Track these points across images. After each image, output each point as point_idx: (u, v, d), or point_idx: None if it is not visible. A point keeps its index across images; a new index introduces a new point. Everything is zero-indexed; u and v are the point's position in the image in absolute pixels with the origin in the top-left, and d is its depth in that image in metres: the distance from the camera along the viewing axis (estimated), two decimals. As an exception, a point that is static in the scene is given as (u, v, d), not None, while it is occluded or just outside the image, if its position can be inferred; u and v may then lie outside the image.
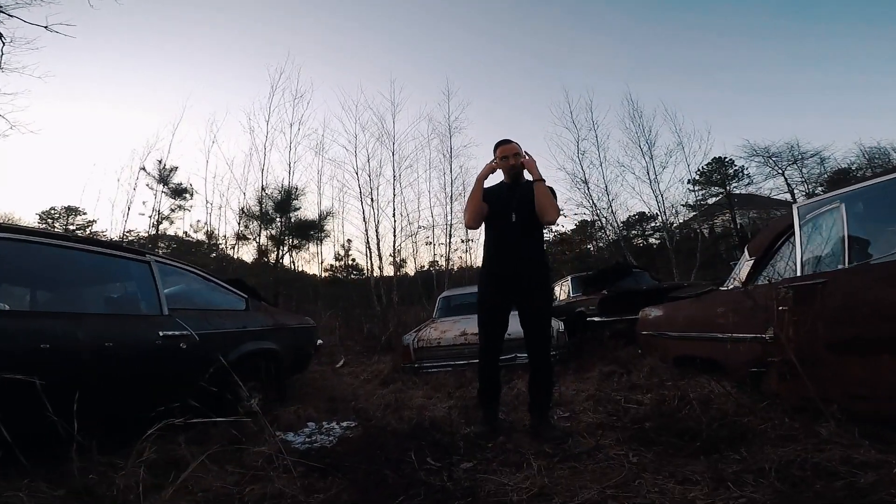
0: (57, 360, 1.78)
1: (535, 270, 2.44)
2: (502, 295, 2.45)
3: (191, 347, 2.37)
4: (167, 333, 2.27)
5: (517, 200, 2.46)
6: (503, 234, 2.48)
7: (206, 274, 2.97)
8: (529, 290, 2.42)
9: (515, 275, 2.42)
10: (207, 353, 2.41)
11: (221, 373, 2.60)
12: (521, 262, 2.42)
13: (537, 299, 2.43)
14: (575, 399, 3.09)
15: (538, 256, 2.50)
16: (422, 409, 2.87)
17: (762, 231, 3.15)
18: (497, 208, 2.49)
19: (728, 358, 2.81)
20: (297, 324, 3.48)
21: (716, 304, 3.02)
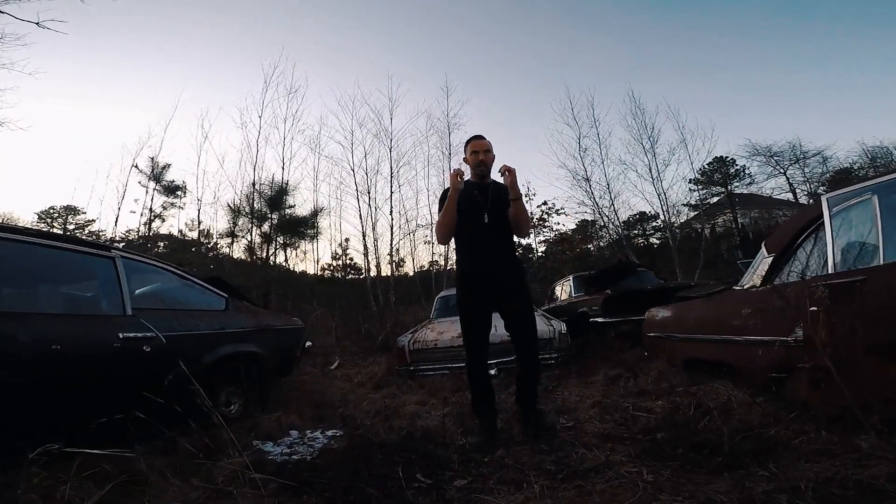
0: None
1: (509, 273, 2.41)
2: (480, 297, 2.39)
3: (155, 350, 2.16)
4: (128, 335, 2.05)
5: (490, 201, 2.41)
6: (475, 235, 2.41)
7: (183, 272, 2.76)
8: (504, 293, 2.38)
9: (489, 276, 2.38)
10: (176, 356, 2.19)
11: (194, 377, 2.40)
12: (494, 264, 2.39)
13: (513, 302, 2.39)
14: (579, 406, 2.87)
15: (511, 258, 2.48)
16: (414, 417, 2.65)
17: (781, 226, 2.95)
18: (467, 208, 2.39)
19: (745, 362, 2.61)
20: (283, 325, 3.26)
21: (730, 304, 2.82)
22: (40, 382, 1.70)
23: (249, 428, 2.58)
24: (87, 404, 1.89)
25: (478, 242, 2.40)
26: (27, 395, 1.65)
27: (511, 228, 2.46)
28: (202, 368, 2.44)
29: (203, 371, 2.44)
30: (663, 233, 23.59)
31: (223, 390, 2.72)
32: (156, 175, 9.46)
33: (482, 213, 2.38)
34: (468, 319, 2.39)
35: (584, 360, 4.15)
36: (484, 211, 2.38)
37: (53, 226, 24.42)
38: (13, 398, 1.50)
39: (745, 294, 2.71)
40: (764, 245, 2.73)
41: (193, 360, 2.40)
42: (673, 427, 2.27)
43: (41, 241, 1.95)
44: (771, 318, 2.40)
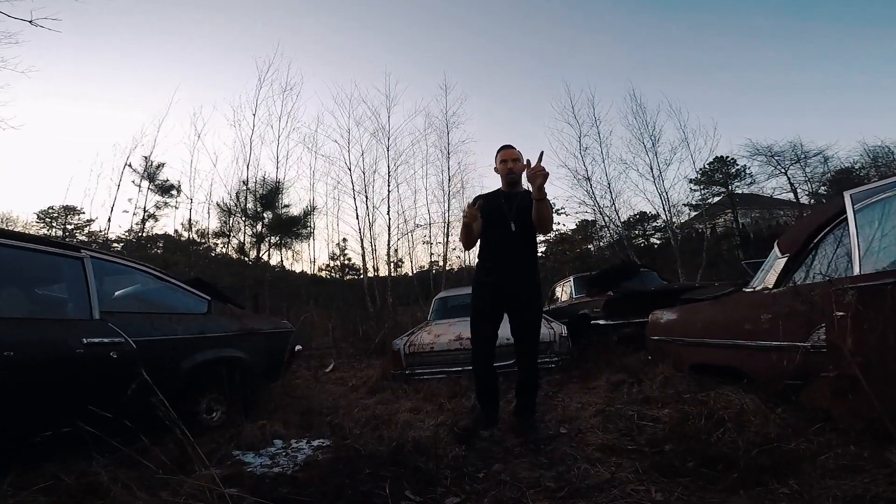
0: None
1: (531, 281, 2.47)
2: (498, 304, 2.46)
3: (124, 357, 2.01)
4: (92, 341, 1.90)
5: (515, 209, 2.45)
6: (502, 242, 2.46)
7: (162, 273, 2.60)
8: (520, 301, 2.44)
9: (512, 284, 2.42)
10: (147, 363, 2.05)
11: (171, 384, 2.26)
12: (520, 273, 2.43)
13: (531, 312, 2.46)
14: (581, 414, 2.72)
15: (533, 268, 2.52)
16: (406, 427, 2.50)
17: (795, 225, 2.80)
18: (494, 217, 2.46)
19: (757, 368, 2.46)
20: (270, 328, 3.10)
21: (742, 307, 2.67)
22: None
23: (230, 437, 2.43)
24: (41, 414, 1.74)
25: (505, 251, 2.45)
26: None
27: (536, 237, 2.52)
28: (179, 375, 2.30)
29: (180, 378, 2.30)
30: (663, 233, 23.52)
31: (204, 397, 2.57)
32: (149, 174, 9.32)
33: (508, 221, 2.43)
34: (480, 322, 2.48)
35: (586, 365, 4.00)
36: (510, 220, 2.43)
37: (53, 226, 24.26)
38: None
39: (757, 296, 2.56)
40: (777, 244, 2.58)
41: (169, 366, 2.26)
42: (682, 439, 2.12)
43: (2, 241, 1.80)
44: (787, 321, 2.26)
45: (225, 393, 2.59)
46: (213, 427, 2.59)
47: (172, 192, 9.87)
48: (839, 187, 20.67)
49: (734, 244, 20.44)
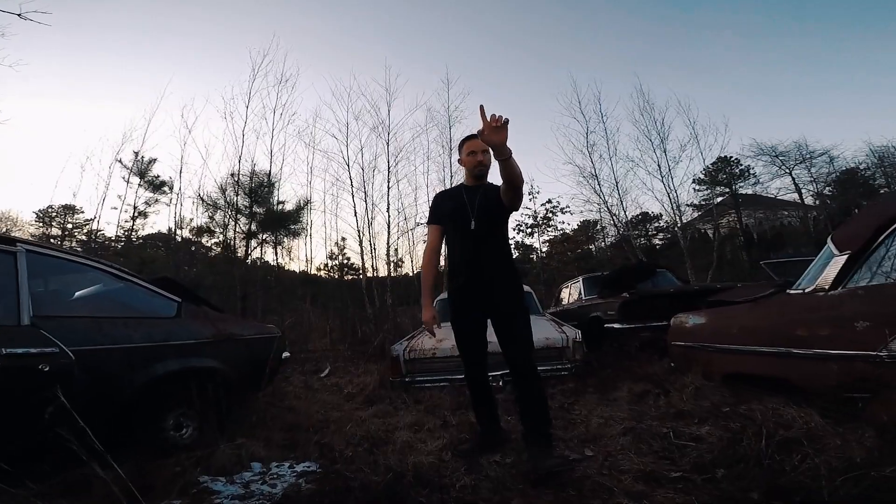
0: None
1: (499, 279, 2.17)
2: (471, 309, 2.20)
3: (57, 370, 1.66)
4: (14, 351, 1.56)
5: (478, 205, 2.19)
6: (462, 244, 2.23)
7: (122, 272, 2.26)
8: (499, 301, 2.15)
9: (481, 285, 2.17)
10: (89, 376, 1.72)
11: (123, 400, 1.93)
12: (487, 270, 2.17)
13: (503, 304, 2.15)
14: (605, 431, 2.38)
15: (502, 264, 2.20)
16: (406, 450, 2.16)
17: (855, 219, 2.46)
18: (455, 217, 2.23)
19: (811, 379, 2.13)
20: (252, 334, 2.75)
21: (790, 310, 2.34)
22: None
23: (200, 459, 2.09)
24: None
25: (463, 252, 2.21)
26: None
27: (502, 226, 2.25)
28: (132, 390, 1.96)
29: (134, 393, 1.96)
30: (665, 233, 23.21)
31: (171, 412, 2.23)
32: (140, 170, 8.96)
33: (468, 219, 2.18)
34: (460, 330, 2.24)
35: (603, 372, 3.66)
36: (471, 217, 2.18)
37: (52, 225, 23.86)
38: None
39: (810, 299, 2.23)
40: (832, 241, 2.25)
41: (120, 379, 1.92)
42: (738, 463, 1.80)
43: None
44: (851, 327, 1.93)
45: (196, 407, 2.24)
46: (182, 446, 2.25)
47: (164, 188, 9.56)
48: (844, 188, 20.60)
49: (738, 244, 20.13)
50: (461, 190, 2.29)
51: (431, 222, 2.33)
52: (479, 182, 2.26)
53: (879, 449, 1.56)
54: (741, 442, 1.92)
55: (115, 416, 1.94)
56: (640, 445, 2.16)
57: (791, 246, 20.29)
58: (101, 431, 1.94)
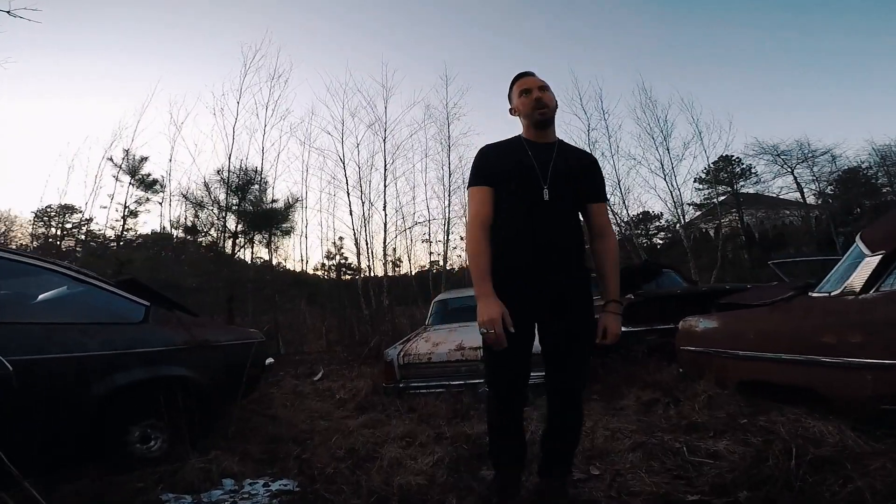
0: None
1: (572, 274, 1.54)
2: (528, 315, 1.49)
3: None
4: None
5: (554, 166, 1.54)
6: (530, 217, 1.51)
7: (83, 274, 2.07)
8: (561, 301, 1.51)
9: (551, 282, 1.49)
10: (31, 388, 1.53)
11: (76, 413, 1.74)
12: (563, 263, 1.51)
13: (575, 317, 1.52)
14: (613, 446, 2.18)
15: (578, 255, 1.57)
16: (394, 466, 1.96)
17: (890, 216, 2.27)
18: (519, 179, 1.54)
19: (841, 390, 1.95)
20: (230, 339, 2.54)
21: (815, 315, 2.15)
22: None
23: (167, 474, 1.90)
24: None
25: (532, 228, 1.50)
26: None
27: (579, 217, 1.64)
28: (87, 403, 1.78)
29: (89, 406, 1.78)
30: (666, 232, 23.05)
31: (137, 424, 2.04)
32: (131, 169, 8.75)
33: (540, 185, 1.51)
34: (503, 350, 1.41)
35: (607, 378, 3.46)
36: (542, 183, 1.52)
37: (51, 225, 23.64)
38: None
39: (837, 303, 2.03)
40: (862, 240, 2.06)
41: (72, 391, 1.74)
42: (763, 484, 1.61)
43: None
44: (888, 334, 1.75)
45: (165, 419, 2.05)
46: (150, 459, 2.07)
47: (156, 187, 9.36)
48: (846, 187, 20.43)
49: (739, 244, 19.99)
50: (522, 143, 1.60)
51: (479, 184, 1.58)
52: (544, 134, 1.61)
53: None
54: (766, 460, 1.73)
55: (70, 429, 1.75)
56: (651, 463, 1.97)
57: (793, 245, 20.16)
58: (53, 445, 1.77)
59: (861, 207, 20.18)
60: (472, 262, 1.51)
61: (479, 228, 1.53)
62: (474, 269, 1.48)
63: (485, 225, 1.53)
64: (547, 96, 1.59)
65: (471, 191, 1.60)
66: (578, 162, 1.62)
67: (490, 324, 1.36)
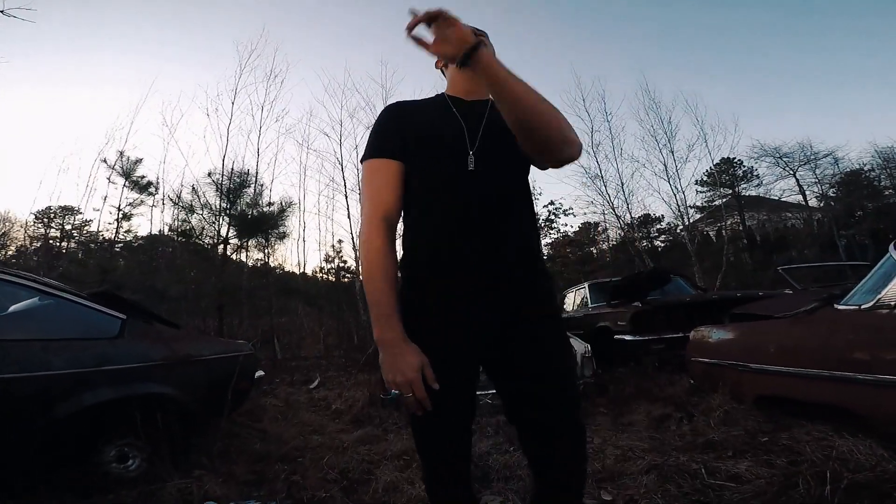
0: None
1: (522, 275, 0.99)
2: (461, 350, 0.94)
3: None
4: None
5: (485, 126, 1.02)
6: (453, 197, 0.98)
7: (52, 287, 1.92)
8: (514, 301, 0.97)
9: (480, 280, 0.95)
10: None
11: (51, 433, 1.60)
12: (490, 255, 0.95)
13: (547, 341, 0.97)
14: (625, 468, 2.03)
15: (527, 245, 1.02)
16: (389, 492, 1.81)
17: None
18: (434, 143, 1.00)
19: (878, 408, 1.79)
20: (214, 353, 2.38)
21: (844, 329, 2.00)
22: None
23: (140, 497, 1.75)
24: None
25: (457, 212, 0.97)
26: None
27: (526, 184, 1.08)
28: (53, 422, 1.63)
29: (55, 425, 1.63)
30: (668, 235, 22.89)
31: (112, 444, 1.89)
32: (125, 171, 8.61)
33: (465, 150, 0.99)
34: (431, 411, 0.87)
35: (615, 391, 3.30)
36: (468, 148, 0.99)
37: (51, 227, 23.49)
38: None
39: (869, 317, 1.89)
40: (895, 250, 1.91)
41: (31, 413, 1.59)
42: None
43: None
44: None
45: (143, 437, 1.90)
46: (127, 479, 1.92)
47: (150, 189, 9.22)
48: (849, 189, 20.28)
49: (741, 247, 19.87)
50: (445, 101, 1.08)
51: (379, 155, 1.01)
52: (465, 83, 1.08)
53: None
54: (796, 486, 1.58)
55: (29, 452, 1.61)
56: (667, 486, 1.82)
57: (795, 248, 20.03)
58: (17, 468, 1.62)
59: (863, 210, 20.07)
60: (369, 287, 0.94)
61: (379, 229, 0.97)
62: (371, 297, 0.92)
63: (389, 222, 0.99)
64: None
65: (365, 166, 1.02)
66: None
67: (404, 385, 0.85)
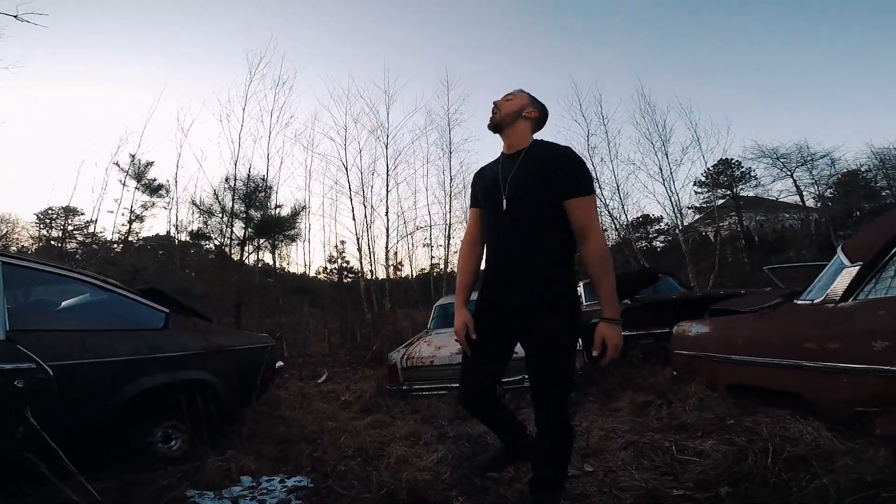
0: None
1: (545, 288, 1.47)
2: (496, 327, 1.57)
3: (33, 386, 1.60)
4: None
5: (514, 175, 1.52)
6: (491, 231, 1.59)
7: (106, 283, 2.20)
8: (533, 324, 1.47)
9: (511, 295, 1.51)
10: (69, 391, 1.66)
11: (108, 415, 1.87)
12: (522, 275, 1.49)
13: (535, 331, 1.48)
14: (607, 446, 2.31)
15: (541, 264, 1.48)
16: (401, 463, 2.09)
17: (868, 230, 2.40)
18: (487, 194, 1.60)
19: (820, 393, 2.07)
20: (244, 344, 2.68)
21: (799, 322, 2.27)
22: None
23: (189, 473, 2.03)
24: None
25: (494, 242, 1.58)
26: None
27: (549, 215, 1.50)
28: (117, 405, 1.91)
29: (118, 408, 1.91)
30: (666, 235, 23.15)
31: (159, 425, 2.17)
32: (137, 173, 8.92)
33: (500, 197, 1.52)
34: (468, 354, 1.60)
35: (604, 381, 3.59)
36: (502, 194, 1.51)
37: (52, 227, 23.78)
38: None
39: (819, 310, 2.16)
40: (843, 251, 2.18)
41: (103, 394, 1.87)
42: (742, 480, 1.74)
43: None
44: (862, 341, 1.87)
45: (186, 420, 2.18)
46: (171, 458, 2.20)
47: (161, 192, 9.51)
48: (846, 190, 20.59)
49: (739, 247, 20.08)
50: (498, 160, 1.66)
51: (470, 206, 1.75)
52: (509, 143, 1.62)
53: (891, 467, 1.49)
54: (747, 458, 1.85)
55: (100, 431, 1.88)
56: (641, 460, 2.10)
57: (792, 249, 20.26)
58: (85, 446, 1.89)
59: (860, 211, 20.29)
60: (457, 276, 1.78)
61: (465, 245, 1.75)
62: (457, 282, 1.75)
63: (469, 242, 1.73)
64: (504, 103, 1.61)
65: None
66: (542, 162, 1.52)
67: (456, 333, 1.59)
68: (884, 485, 1.43)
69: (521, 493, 1.79)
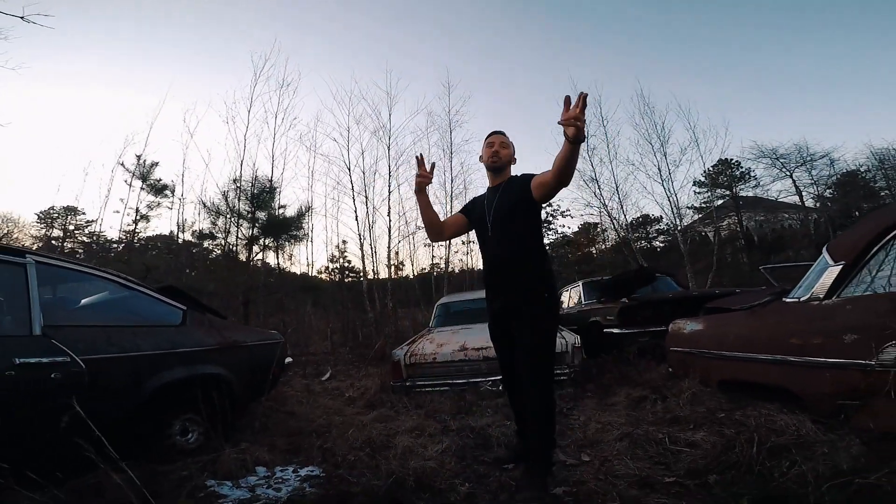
0: None
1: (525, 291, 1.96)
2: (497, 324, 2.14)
3: (67, 379, 1.71)
4: (26, 361, 1.61)
5: (496, 205, 2.05)
6: (484, 250, 2.12)
7: (128, 280, 2.31)
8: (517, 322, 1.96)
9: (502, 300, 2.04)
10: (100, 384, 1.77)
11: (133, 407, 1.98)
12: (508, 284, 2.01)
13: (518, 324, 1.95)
14: (603, 437, 2.42)
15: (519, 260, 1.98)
16: (407, 454, 2.20)
17: (852, 230, 2.51)
18: (479, 218, 2.14)
19: (807, 387, 2.18)
20: (256, 340, 2.80)
21: (786, 319, 2.38)
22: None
23: (206, 463, 2.14)
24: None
25: (487, 262, 2.10)
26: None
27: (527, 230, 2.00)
28: (141, 397, 2.02)
29: (143, 400, 2.02)
30: (666, 236, 23.26)
31: (178, 418, 2.28)
32: (142, 174, 9.01)
33: (486, 224, 2.07)
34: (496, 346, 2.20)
35: (602, 378, 3.70)
36: (487, 222, 2.06)
37: (53, 227, 23.91)
38: None
39: (806, 308, 2.27)
40: (827, 251, 2.29)
41: (128, 388, 1.97)
42: (729, 468, 1.85)
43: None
44: (843, 337, 1.98)
45: (202, 413, 2.29)
46: (188, 450, 2.31)
47: (166, 192, 9.62)
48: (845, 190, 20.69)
49: (738, 248, 20.15)
50: (487, 192, 2.18)
51: (460, 211, 2.28)
52: (496, 178, 2.15)
53: (865, 456, 1.60)
54: (734, 448, 1.96)
55: (125, 423, 1.99)
56: (635, 451, 2.20)
57: (791, 249, 20.35)
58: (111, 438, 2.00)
59: (860, 211, 20.39)
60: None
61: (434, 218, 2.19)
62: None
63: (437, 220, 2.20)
64: (503, 151, 2.13)
65: None
66: (512, 192, 2.02)
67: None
68: (858, 472, 1.54)
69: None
